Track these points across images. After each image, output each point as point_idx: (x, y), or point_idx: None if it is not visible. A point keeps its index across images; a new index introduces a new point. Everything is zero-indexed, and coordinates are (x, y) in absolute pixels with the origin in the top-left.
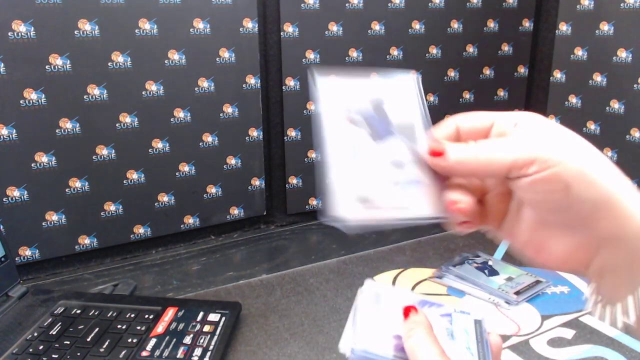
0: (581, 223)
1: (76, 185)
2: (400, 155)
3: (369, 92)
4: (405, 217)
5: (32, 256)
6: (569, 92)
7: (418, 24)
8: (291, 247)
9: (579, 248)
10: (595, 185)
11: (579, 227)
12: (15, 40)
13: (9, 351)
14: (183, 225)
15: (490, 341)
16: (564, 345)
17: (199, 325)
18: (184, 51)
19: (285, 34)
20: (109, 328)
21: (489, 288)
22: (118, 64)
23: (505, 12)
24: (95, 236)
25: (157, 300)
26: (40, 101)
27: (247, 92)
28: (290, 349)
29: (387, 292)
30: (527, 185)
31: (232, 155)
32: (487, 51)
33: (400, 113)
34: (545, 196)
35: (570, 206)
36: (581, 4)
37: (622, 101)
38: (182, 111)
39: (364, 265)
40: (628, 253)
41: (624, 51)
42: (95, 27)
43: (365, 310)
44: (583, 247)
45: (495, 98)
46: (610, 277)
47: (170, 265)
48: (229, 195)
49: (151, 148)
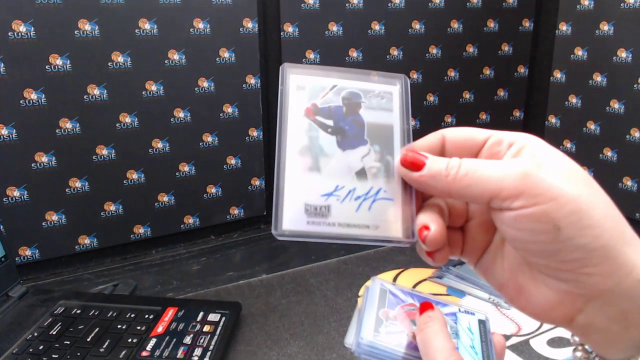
0: (569, 271)
1: (76, 185)
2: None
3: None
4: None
5: (32, 256)
6: (569, 92)
7: (418, 24)
8: (291, 247)
9: (563, 299)
10: (590, 231)
11: (566, 276)
12: (15, 40)
13: (9, 351)
14: (183, 225)
15: (494, 341)
16: (564, 345)
17: (199, 325)
18: (184, 51)
19: (285, 34)
20: (109, 328)
21: (489, 288)
22: (118, 64)
23: (505, 12)
24: (95, 236)
25: (157, 300)
26: (40, 101)
27: (247, 92)
28: (290, 349)
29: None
30: (510, 221)
31: (232, 155)
32: (487, 51)
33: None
34: (530, 236)
35: (558, 251)
36: (581, 4)
37: (622, 101)
38: (182, 111)
39: (364, 265)
40: (621, 312)
41: (624, 51)
42: (95, 27)
43: (371, 306)
44: (568, 299)
45: (495, 98)
46: (597, 336)
47: (170, 265)
48: (229, 195)
49: (151, 148)
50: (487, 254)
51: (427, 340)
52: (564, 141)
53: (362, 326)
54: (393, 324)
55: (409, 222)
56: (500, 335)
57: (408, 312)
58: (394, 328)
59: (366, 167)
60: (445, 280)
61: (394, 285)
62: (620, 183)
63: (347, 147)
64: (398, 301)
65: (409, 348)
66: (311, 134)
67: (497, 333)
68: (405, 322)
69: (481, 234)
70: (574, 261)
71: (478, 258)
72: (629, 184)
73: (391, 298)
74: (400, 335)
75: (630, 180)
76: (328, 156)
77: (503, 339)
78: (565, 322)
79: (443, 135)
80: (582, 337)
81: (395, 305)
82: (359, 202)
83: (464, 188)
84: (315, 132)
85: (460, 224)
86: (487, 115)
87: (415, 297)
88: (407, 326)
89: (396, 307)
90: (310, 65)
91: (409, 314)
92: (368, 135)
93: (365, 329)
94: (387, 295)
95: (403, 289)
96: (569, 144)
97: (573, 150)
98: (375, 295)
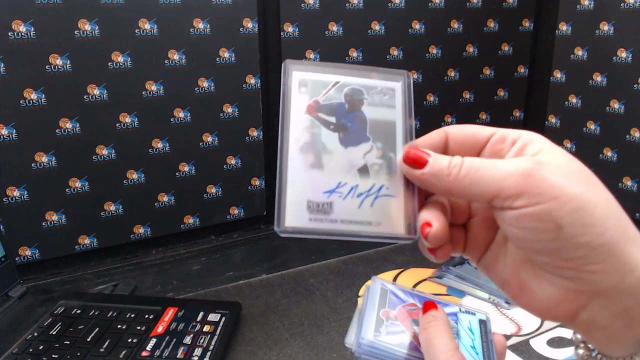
0: (572, 269)
1: (76, 185)
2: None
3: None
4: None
5: (32, 256)
6: (569, 92)
7: (418, 24)
8: (291, 247)
9: (566, 296)
10: (593, 229)
11: (569, 274)
12: (15, 40)
13: (9, 351)
14: (183, 225)
15: (495, 341)
16: (564, 345)
17: (199, 325)
18: (184, 51)
19: (285, 34)
20: (109, 328)
21: (489, 288)
22: (118, 64)
23: (505, 12)
24: (95, 236)
25: (157, 300)
26: (40, 101)
27: (247, 92)
28: (290, 349)
29: (394, 288)
30: (512, 220)
31: (232, 155)
32: (487, 51)
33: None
34: (532, 234)
35: (561, 249)
36: (581, 4)
37: (622, 101)
38: (182, 111)
39: (364, 265)
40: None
41: (624, 51)
42: (95, 27)
43: (372, 306)
44: (571, 296)
45: (495, 98)
46: (600, 333)
47: (170, 265)
48: (229, 195)
49: (151, 148)
50: (489, 251)
51: (430, 339)
52: (564, 141)
53: (363, 326)
54: (394, 324)
55: (411, 218)
56: (501, 336)
57: (409, 312)
58: (394, 328)
59: (368, 164)
60: (445, 280)
61: (394, 285)
62: (620, 183)
63: (350, 144)
64: (399, 301)
65: (410, 348)
66: (313, 130)
67: (498, 333)
68: (406, 322)
69: (484, 231)
70: (577, 259)
71: (480, 255)
72: (629, 184)
73: (392, 298)
74: (401, 336)
75: (630, 180)
76: (330, 153)
77: (504, 339)
78: (568, 319)
79: (446, 132)
80: (584, 334)
81: (396, 305)
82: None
83: (465, 187)
84: (317, 129)
85: (463, 221)
86: (487, 115)
87: (415, 297)
88: (408, 326)
89: (397, 307)
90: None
91: (409, 314)
92: (370, 132)
93: (366, 329)
94: (387, 295)
95: (404, 289)
96: (569, 144)
97: (573, 150)
98: (376, 295)
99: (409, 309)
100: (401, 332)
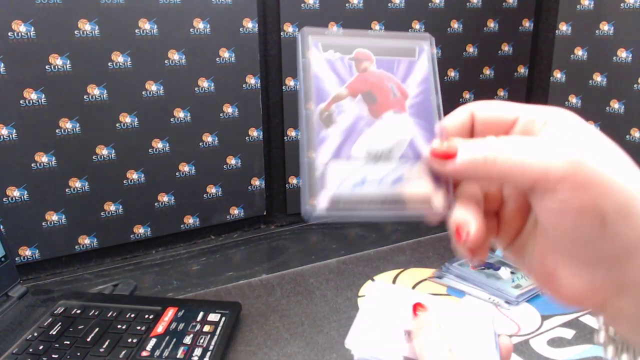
0: (607, 262)
1: (76, 185)
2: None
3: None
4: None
5: (32, 256)
6: (569, 92)
7: (418, 24)
8: (291, 247)
9: (596, 288)
10: (637, 226)
11: (603, 265)
12: (15, 40)
13: (9, 351)
14: (183, 225)
15: (500, 344)
16: (564, 345)
17: (199, 325)
18: (184, 51)
19: (285, 34)
20: (109, 328)
21: (489, 288)
22: (118, 64)
23: (505, 12)
24: (95, 236)
25: (157, 300)
26: (40, 101)
27: (247, 92)
28: (290, 349)
29: (394, 292)
30: (553, 209)
31: (232, 155)
32: (487, 51)
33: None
34: (572, 225)
35: (600, 242)
36: (581, 4)
37: (622, 101)
38: (182, 111)
39: (364, 265)
40: None
41: (624, 51)
42: (95, 27)
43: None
44: (602, 286)
45: (495, 98)
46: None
47: (170, 265)
48: (229, 195)
49: (151, 148)
50: (519, 238)
51: (423, 344)
52: None
53: (363, 329)
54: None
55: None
56: (508, 338)
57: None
58: (394, 331)
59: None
60: (445, 280)
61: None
62: None
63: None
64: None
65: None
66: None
67: (504, 335)
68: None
69: (516, 219)
70: (614, 253)
71: (510, 242)
72: None
73: (392, 300)
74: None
75: None
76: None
77: (510, 342)
78: (596, 308)
79: (472, 112)
80: (610, 321)
81: (396, 307)
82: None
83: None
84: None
85: (495, 208)
86: None
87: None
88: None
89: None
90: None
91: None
92: None
93: (366, 331)
94: (388, 297)
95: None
96: None
97: None
98: (377, 297)
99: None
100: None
